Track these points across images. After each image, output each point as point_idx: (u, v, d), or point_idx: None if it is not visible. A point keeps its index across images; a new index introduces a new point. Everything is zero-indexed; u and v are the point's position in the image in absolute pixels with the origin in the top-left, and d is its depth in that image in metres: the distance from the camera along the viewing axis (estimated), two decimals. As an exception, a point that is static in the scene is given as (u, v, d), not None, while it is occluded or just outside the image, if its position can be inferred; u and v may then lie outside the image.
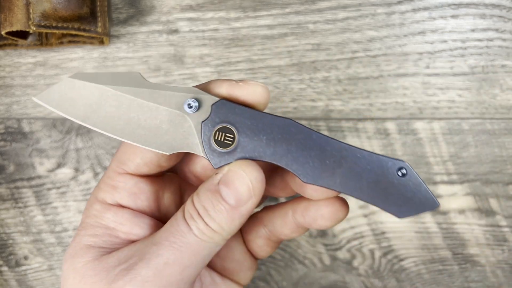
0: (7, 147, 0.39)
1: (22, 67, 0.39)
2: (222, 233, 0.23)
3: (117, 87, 0.23)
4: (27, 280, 0.40)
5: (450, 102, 0.37)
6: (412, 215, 0.22)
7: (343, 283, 0.39)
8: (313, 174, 0.22)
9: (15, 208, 0.40)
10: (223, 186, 0.23)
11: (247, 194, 0.23)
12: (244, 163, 0.23)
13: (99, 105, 0.23)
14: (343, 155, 0.22)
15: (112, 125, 0.23)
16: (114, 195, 0.25)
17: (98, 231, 0.25)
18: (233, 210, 0.23)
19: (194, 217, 0.23)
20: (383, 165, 0.22)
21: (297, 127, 0.22)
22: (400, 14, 0.37)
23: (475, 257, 0.39)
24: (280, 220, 0.27)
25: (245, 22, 0.38)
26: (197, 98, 0.23)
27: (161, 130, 0.23)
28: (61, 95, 0.23)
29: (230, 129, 0.23)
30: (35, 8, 0.34)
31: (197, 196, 0.24)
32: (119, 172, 0.25)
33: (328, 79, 0.37)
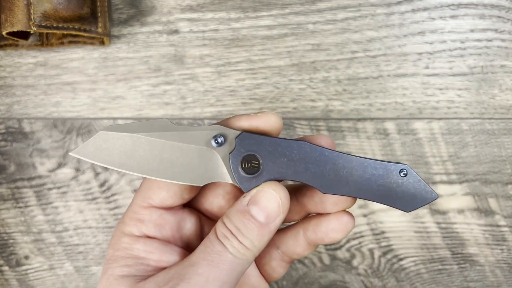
0: (7, 147, 0.39)
1: (23, 67, 0.39)
2: (254, 249, 0.25)
3: (148, 134, 0.26)
4: (27, 280, 0.40)
5: (449, 102, 0.37)
6: (417, 207, 0.26)
7: (342, 283, 0.39)
8: (330, 185, 0.26)
9: (15, 208, 0.40)
10: (252, 206, 0.25)
11: (277, 210, 0.25)
12: (272, 184, 0.26)
13: (133, 151, 0.26)
14: (353, 165, 0.26)
15: (147, 167, 0.26)
16: (140, 227, 0.27)
17: (129, 261, 0.26)
18: (263, 227, 0.25)
19: (228, 236, 0.25)
20: (387, 169, 0.25)
21: (310, 147, 0.26)
22: (400, 15, 0.37)
23: (474, 257, 0.39)
24: (292, 240, 0.29)
25: (245, 22, 0.38)
26: (222, 134, 0.26)
27: (192, 165, 0.26)
28: (96, 147, 0.26)
29: (255, 156, 0.26)
30: (36, 8, 0.34)
31: (228, 218, 0.26)
32: (144, 206, 0.27)
33: (327, 79, 0.38)
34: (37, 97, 0.39)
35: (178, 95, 0.38)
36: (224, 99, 0.38)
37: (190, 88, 0.38)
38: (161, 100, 0.38)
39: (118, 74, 0.38)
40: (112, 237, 0.28)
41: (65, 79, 0.39)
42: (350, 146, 0.38)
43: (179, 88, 0.38)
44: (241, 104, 0.38)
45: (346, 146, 0.38)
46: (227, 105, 0.38)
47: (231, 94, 0.38)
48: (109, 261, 0.27)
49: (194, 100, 0.38)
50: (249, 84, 0.38)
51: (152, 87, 0.38)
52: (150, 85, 0.38)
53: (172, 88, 0.38)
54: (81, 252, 0.40)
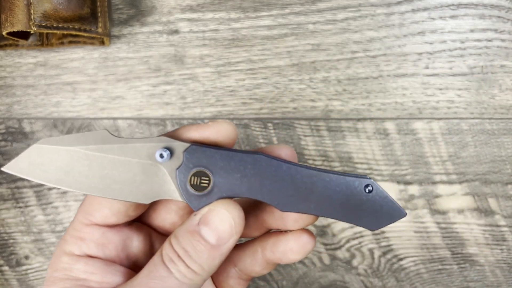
0: (8, 147, 0.39)
1: (23, 67, 0.39)
2: (203, 274, 0.23)
3: (86, 147, 0.24)
4: (27, 280, 0.40)
5: (449, 102, 0.37)
6: (384, 225, 0.24)
7: (342, 283, 0.39)
8: (289, 202, 0.24)
9: (16, 208, 0.40)
10: (203, 226, 0.23)
11: (229, 232, 0.23)
12: (224, 202, 0.23)
13: (71, 166, 0.24)
14: (313, 180, 0.23)
15: (86, 184, 0.24)
16: (81, 246, 0.25)
17: (68, 283, 0.24)
18: (214, 250, 0.23)
19: (174, 260, 0.23)
20: (351, 184, 0.23)
21: (266, 160, 0.23)
22: (400, 15, 0.37)
23: (474, 257, 0.39)
24: (250, 258, 0.28)
25: (245, 22, 0.38)
26: (168, 147, 0.24)
27: (136, 181, 0.24)
28: (30, 161, 0.24)
29: (204, 172, 0.24)
30: (36, 8, 0.34)
31: (176, 238, 0.24)
32: (86, 224, 0.25)
33: (327, 79, 0.38)
34: (37, 97, 0.39)
35: (178, 95, 0.38)
36: (224, 99, 0.38)
37: (190, 88, 0.38)
38: (161, 100, 0.38)
39: (118, 74, 0.38)
40: (53, 255, 0.26)
41: (65, 79, 0.39)
42: (350, 146, 0.38)
43: (179, 88, 0.38)
44: (241, 104, 0.38)
45: (346, 146, 0.38)
46: (227, 105, 0.38)
47: (231, 94, 0.38)
48: (47, 283, 0.25)
49: (194, 100, 0.38)
50: (249, 84, 0.38)
51: (152, 87, 0.38)
52: (150, 85, 0.38)
53: (172, 88, 0.38)
54: (81, 252, 0.40)
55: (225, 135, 0.24)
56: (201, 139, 0.24)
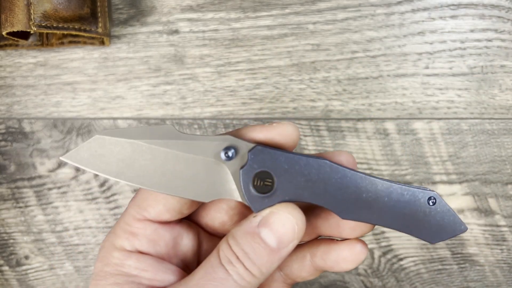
0: (8, 147, 0.39)
1: (23, 67, 0.39)
2: (261, 277, 0.23)
3: (151, 141, 0.23)
4: (27, 280, 0.40)
5: (449, 102, 0.37)
6: (444, 239, 0.24)
7: (342, 283, 0.39)
8: (351, 210, 0.23)
9: (16, 208, 0.40)
10: (264, 228, 0.23)
11: (291, 236, 0.23)
12: (288, 205, 0.23)
13: (133, 159, 0.23)
14: (377, 189, 0.23)
15: (148, 178, 0.23)
16: (133, 242, 0.25)
17: (119, 279, 0.24)
18: (274, 253, 0.23)
19: (233, 261, 0.23)
20: (415, 196, 0.23)
21: (331, 166, 0.23)
22: (400, 15, 0.37)
23: (474, 257, 0.39)
24: (297, 263, 0.27)
25: (245, 22, 0.38)
26: (233, 146, 0.23)
27: (198, 179, 0.23)
28: (91, 152, 0.23)
29: (269, 174, 0.23)
30: (36, 8, 0.34)
31: (234, 239, 0.23)
32: (138, 219, 0.25)
33: (327, 80, 0.38)
34: (37, 97, 0.39)
35: (178, 95, 0.38)
36: (224, 99, 0.38)
37: (190, 88, 0.38)
38: (161, 100, 0.38)
39: (118, 74, 0.38)
40: (101, 248, 0.25)
41: (65, 79, 0.39)
42: (350, 146, 0.38)
43: (179, 88, 0.38)
44: (241, 104, 0.38)
45: (346, 146, 0.38)
46: (227, 105, 0.38)
47: (231, 94, 0.38)
48: (97, 277, 0.24)
49: (194, 100, 0.38)
50: (249, 84, 0.38)
51: (152, 87, 0.38)
52: (150, 85, 0.38)
53: (172, 88, 0.38)
54: (81, 252, 0.40)
55: (289, 137, 0.24)
56: (264, 140, 0.24)
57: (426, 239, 0.23)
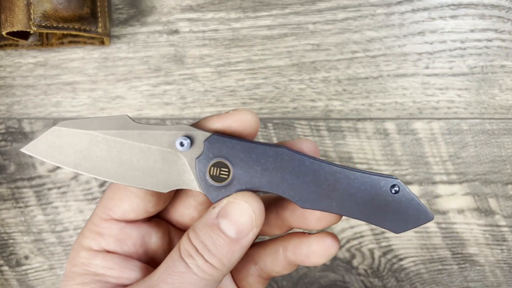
0: (8, 147, 0.39)
1: (23, 67, 0.39)
2: (222, 268, 0.23)
3: (106, 131, 0.23)
4: (27, 280, 0.40)
5: (449, 102, 0.37)
6: (409, 229, 0.23)
7: (342, 283, 0.39)
8: (310, 199, 0.23)
9: (15, 208, 0.40)
10: (222, 219, 0.23)
11: (249, 224, 0.23)
12: (244, 194, 0.23)
13: (89, 150, 0.24)
14: (337, 177, 0.22)
15: (104, 169, 0.24)
16: (100, 241, 0.25)
17: (86, 278, 0.24)
18: (234, 243, 0.23)
19: (192, 254, 0.23)
20: (376, 184, 0.22)
21: (289, 154, 0.23)
22: (400, 15, 0.37)
23: (474, 257, 0.39)
24: (271, 257, 0.27)
25: (245, 22, 0.38)
26: (189, 135, 0.23)
27: (155, 169, 0.23)
28: (49, 144, 0.24)
29: (225, 163, 0.23)
30: (36, 8, 0.34)
31: (194, 232, 0.23)
32: (105, 218, 0.25)
33: (327, 79, 0.38)
34: (37, 97, 0.39)
35: (178, 95, 0.38)
36: (224, 99, 0.38)
37: (190, 88, 0.38)
38: (161, 100, 0.38)
39: (118, 74, 0.38)
40: (71, 250, 0.25)
41: (65, 79, 0.39)
42: (350, 146, 0.38)
43: (179, 88, 0.38)
44: (241, 104, 0.38)
45: (346, 146, 0.38)
46: (227, 105, 0.38)
47: (231, 94, 0.38)
48: (65, 278, 0.25)
49: (194, 100, 0.38)
50: (249, 84, 0.38)
51: (152, 87, 0.38)
52: (150, 85, 0.38)
53: (172, 88, 0.38)
54: (81, 252, 0.40)
55: (247, 125, 0.24)
56: (222, 129, 0.24)
57: (390, 229, 0.23)
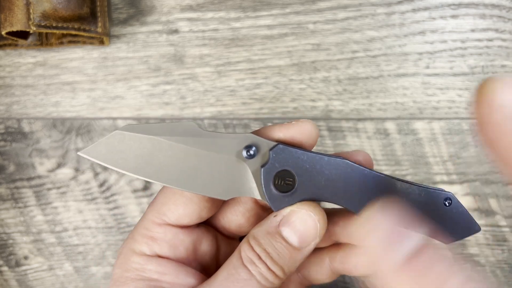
0: (7, 147, 0.39)
1: (22, 67, 0.39)
2: (283, 276, 0.23)
3: (171, 138, 0.23)
4: (27, 280, 0.40)
5: (450, 102, 0.37)
6: (458, 240, 0.24)
7: (343, 283, 0.39)
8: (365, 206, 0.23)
9: (15, 208, 0.40)
10: (285, 228, 0.23)
11: (314, 234, 0.23)
12: (308, 203, 0.23)
13: (152, 156, 0.23)
14: (396, 189, 0.23)
15: (167, 175, 0.23)
16: (153, 246, 0.25)
17: (140, 284, 0.24)
18: (296, 252, 0.23)
19: (255, 262, 0.22)
20: (432, 196, 0.23)
21: (352, 166, 0.23)
22: (400, 14, 0.37)
23: (475, 257, 0.39)
24: (316, 266, 0.27)
25: (245, 22, 0.38)
26: (255, 144, 0.23)
27: (218, 177, 0.23)
28: (109, 148, 0.23)
29: (290, 173, 0.23)
30: (35, 8, 0.34)
31: (255, 239, 0.23)
32: (158, 223, 0.25)
33: (328, 79, 0.37)
34: (36, 97, 0.39)
35: (178, 95, 0.38)
36: (224, 99, 0.38)
37: (190, 88, 0.38)
38: (161, 100, 0.38)
39: (118, 74, 0.38)
40: (119, 254, 0.25)
41: (65, 79, 0.38)
42: (350, 146, 0.38)
43: (179, 88, 0.38)
44: (241, 104, 0.38)
45: (347, 146, 0.38)
46: (227, 105, 0.38)
47: (231, 94, 0.38)
48: (117, 283, 0.24)
49: (193, 100, 0.38)
50: (249, 84, 0.38)
51: (151, 87, 0.38)
52: (149, 85, 0.38)
53: (171, 88, 0.38)
54: (80, 253, 0.40)
55: (308, 135, 0.24)
56: (284, 139, 0.24)
57: (440, 239, 0.23)
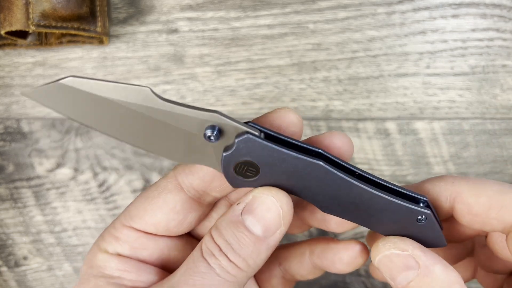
0: (6, 147, 0.39)
1: (21, 67, 0.39)
2: (247, 269, 0.21)
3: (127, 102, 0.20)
4: (26, 281, 0.40)
5: (450, 102, 0.37)
6: None
7: (343, 283, 0.39)
8: (334, 209, 0.22)
9: (14, 208, 0.40)
10: (248, 216, 0.21)
11: (277, 222, 0.21)
12: (271, 189, 0.21)
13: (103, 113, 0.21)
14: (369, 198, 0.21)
15: (117, 130, 0.21)
16: (115, 246, 0.24)
17: (100, 281, 0.23)
18: (260, 242, 0.21)
19: (215, 253, 0.21)
20: (408, 213, 0.22)
21: (325, 170, 0.21)
22: (401, 14, 0.37)
23: (476, 258, 0.38)
24: (296, 260, 0.26)
25: (245, 21, 0.37)
26: (220, 126, 0.21)
27: (176, 143, 0.21)
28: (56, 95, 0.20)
29: (253, 164, 0.21)
30: (35, 8, 0.34)
31: (217, 230, 0.21)
32: (125, 225, 0.24)
33: (328, 79, 0.37)
34: (35, 97, 0.39)
35: (178, 95, 0.38)
36: (223, 98, 0.38)
37: (190, 88, 0.38)
38: (161, 100, 0.38)
39: (117, 73, 0.38)
40: (89, 251, 0.25)
41: (64, 78, 0.38)
42: (350, 146, 0.38)
43: (179, 88, 0.38)
44: (241, 104, 0.38)
45: (347, 146, 0.38)
46: (226, 105, 0.38)
47: (231, 94, 0.38)
48: (81, 279, 0.24)
49: (193, 99, 0.38)
50: (249, 83, 0.38)
51: (151, 87, 0.38)
52: (149, 85, 0.38)
53: (171, 87, 0.38)
54: (80, 253, 0.40)
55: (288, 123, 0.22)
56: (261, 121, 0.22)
57: None
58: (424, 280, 0.21)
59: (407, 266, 0.21)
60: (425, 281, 0.21)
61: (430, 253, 0.21)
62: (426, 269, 0.21)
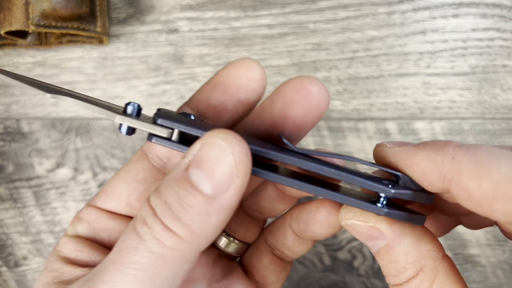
0: (6, 147, 0.39)
1: (21, 66, 0.38)
2: (192, 239, 0.16)
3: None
4: (26, 281, 0.40)
5: (450, 102, 0.37)
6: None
7: (343, 284, 0.39)
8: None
9: (14, 208, 0.40)
10: (194, 170, 0.16)
11: (230, 174, 0.16)
12: (221, 132, 0.16)
13: None
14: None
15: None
16: (76, 227, 0.22)
17: (56, 264, 0.21)
18: (209, 202, 0.16)
19: (147, 221, 0.16)
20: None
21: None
22: (401, 14, 0.37)
23: (476, 258, 0.38)
24: (279, 230, 0.24)
25: (245, 21, 0.37)
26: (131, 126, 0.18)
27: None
28: None
29: None
30: (35, 7, 0.34)
31: (157, 191, 0.17)
32: (90, 204, 0.22)
33: (328, 79, 0.37)
34: (35, 97, 0.39)
35: (178, 95, 0.38)
36: (224, 99, 0.38)
37: (190, 88, 0.38)
38: (161, 99, 0.38)
39: (117, 73, 0.38)
40: None
41: (64, 78, 0.38)
42: (350, 146, 0.38)
43: (179, 88, 0.38)
44: (241, 104, 0.38)
45: (347, 146, 0.38)
46: (227, 105, 0.38)
47: (231, 93, 0.38)
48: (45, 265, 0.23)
49: (193, 100, 0.38)
50: (249, 83, 0.38)
51: (151, 87, 0.38)
52: (149, 85, 0.38)
53: (171, 87, 0.38)
54: (80, 253, 0.40)
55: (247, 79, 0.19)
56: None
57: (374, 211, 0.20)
58: (391, 252, 0.19)
59: (372, 237, 0.19)
60: (392, 253, 0.19)
61: (398, 226, 0.19)
62: (393, 242, 0.19)
